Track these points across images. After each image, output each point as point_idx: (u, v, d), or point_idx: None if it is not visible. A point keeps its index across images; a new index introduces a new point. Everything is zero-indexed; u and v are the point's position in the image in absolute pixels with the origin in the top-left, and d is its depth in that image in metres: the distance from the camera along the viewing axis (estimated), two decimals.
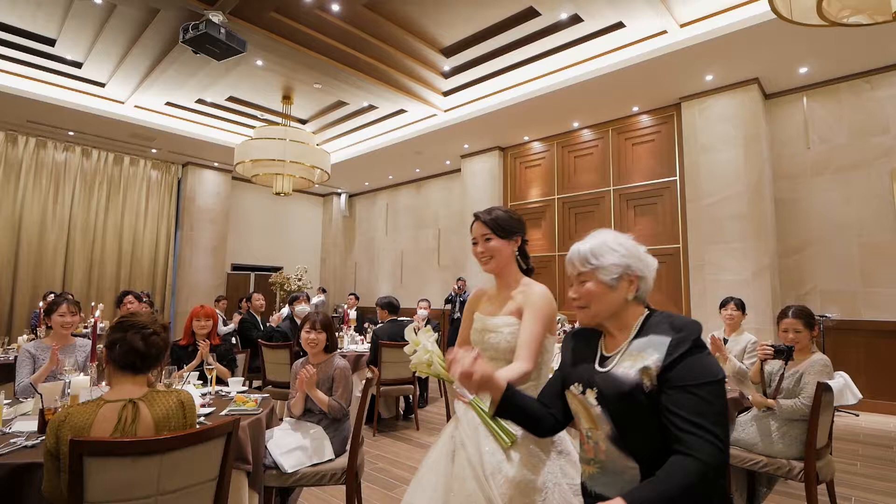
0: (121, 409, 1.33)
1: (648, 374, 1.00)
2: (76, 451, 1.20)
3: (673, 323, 1.05)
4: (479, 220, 1.59)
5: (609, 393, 1.05)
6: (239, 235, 10.37)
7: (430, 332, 1.40)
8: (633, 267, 1.11)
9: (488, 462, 1.33)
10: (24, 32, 5.45)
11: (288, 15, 4.92)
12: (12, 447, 1.54)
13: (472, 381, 1.08)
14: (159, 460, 1.31)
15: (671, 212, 6.10)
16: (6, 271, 7.42)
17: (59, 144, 8.04)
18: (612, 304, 1.11)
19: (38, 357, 2.40)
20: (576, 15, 4.90)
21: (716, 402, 0.95)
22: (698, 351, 1.00)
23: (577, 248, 1.15)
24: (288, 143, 6.27)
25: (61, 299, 2.52)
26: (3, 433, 1.70)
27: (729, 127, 5.51)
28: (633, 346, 1.07)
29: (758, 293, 5.12)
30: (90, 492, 1.25)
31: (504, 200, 8.02)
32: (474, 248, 1.60)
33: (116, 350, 1.39)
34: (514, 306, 1.52)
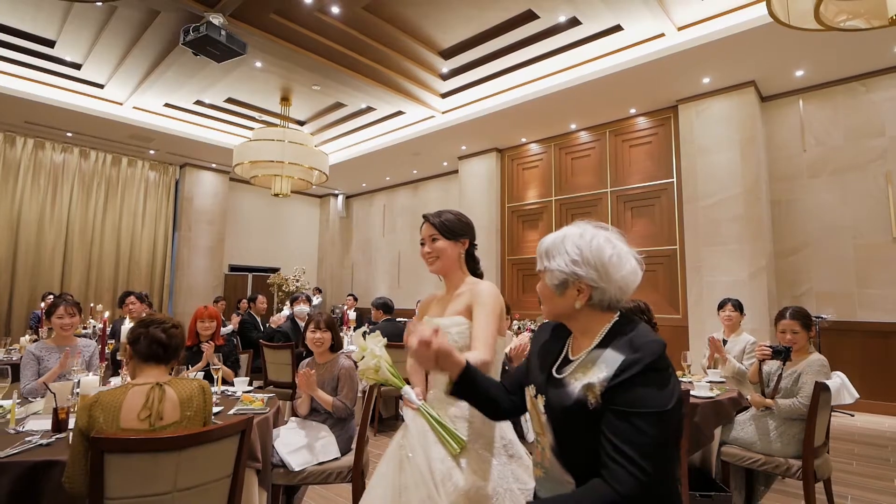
0: (149, 391, 1.46)
1: (593, 392, 0.94)
2: (97, 447, 1.23)
3: (633, 340, 0.96)
4: (428, 222, 1.60)
5: (555, 404, 1.01)
6: (236, 236, 10.37)
7: (378, 337, 1.37)
8: (585, 276, 0.99)
9: (438, 469, 1.30)
10: (23, 34, 5.45)
11: (288, 17, 4.93)
12: (28, 445, 1.57)
13: (429, 351, 1.02)
14: (177, 457, 1.34)
15: (668, 213, 6.14)
16: (4, 272, 7.40)
17: (57, 145, 8.03)
18: (560, 309, 1.04)
19: (42, 358, 2.41)
20: (574, 18, 4.94)
21: (651, 433, 0.88)
22: (650, 376, 0.91)
23: (542, 242, 1.08)
24: (287, 144, 6.29)
25: (60, 301, 2.53)
26: (17, 432, 1.72)
27: (726, 129, 5.57)
28: (591, 356, 1.01)
29: (754, 294, 5.16)
30: (110, 488, 1.28)
31: (501, 202, 8.05)
32: (422, 248, 1.60)
33: (141, 342, 1.53)
34: (460, 305, 1.50)
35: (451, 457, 1.31)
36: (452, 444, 1.31)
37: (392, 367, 1.32)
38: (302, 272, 9.57)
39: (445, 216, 1.59)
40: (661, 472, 0.90)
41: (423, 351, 1.03)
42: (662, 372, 0.92)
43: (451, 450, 1.31)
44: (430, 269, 1.59)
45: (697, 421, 2.35)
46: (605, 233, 1.04)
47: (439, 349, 1.04)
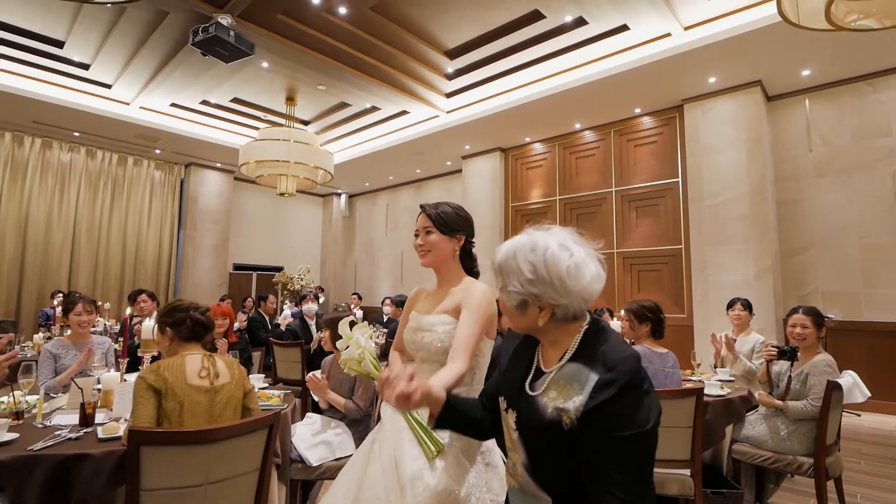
0: (202, 357, 1.66)
1: (568, 414, 0.90)
2: (134, 440, 1.27)
3: (606, 355, 0.90)
4: (424, 213, 1.53)
5: (527, 422, 0.97)
6: (241, 235, 10.41)
7: (365, 328, 1.33)
8: (542, 295, 0.93)
9: (409, 468, 1.25)
10: (32, 34, 5.48)
11: (295, 18, 4.95)
12: (58, 439, 1.62)
13: (410, 403, 0.95)
14: (209, 450, 1.38)
15: (673, 213, 6.15)
16: (13, 271, 7.45)
17: (64, 145, 8.07)
18: (524, 325, 0.99)
19: (58, 356, 2.45)
20: (581, 17, 4.94)
21: (636, 455, 0.85)
22: (628, 396, 0.86)
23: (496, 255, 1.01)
24: (292, 143, 6.32)
25: (77, 299, 2.58)
26: (44, 426, 1.75)
27: (731, 129, 5.57)
28: (564, 370, 0.95)
29: (760, 294, 5.16)
30: (146, 479, 1.32)
31: (505, 201, 8.07)
32: (415, 239, 1.53)
33: (186, 324, 1.71)
34: (451, 304, 1.45)
35: (425, 458, 1.26)
36: (430, 447, 1.26)
37: (375, 360, 1.28)
38: (307, 271, 9.60)
39: (443, 208, 1.52)
40: (648, 493, 0.87)
41: (402, 404, 0.96)
42: (638, 389, 0.87)
43: (429, 453, 1.26)
44: (421, 262, 1.53)
45: (709, 419, 2.37)
46: (559, 238, 0.96)
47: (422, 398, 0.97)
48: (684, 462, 2.18)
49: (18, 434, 1.60)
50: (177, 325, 1.70)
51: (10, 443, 1.52)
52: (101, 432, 1.62)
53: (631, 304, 2.53)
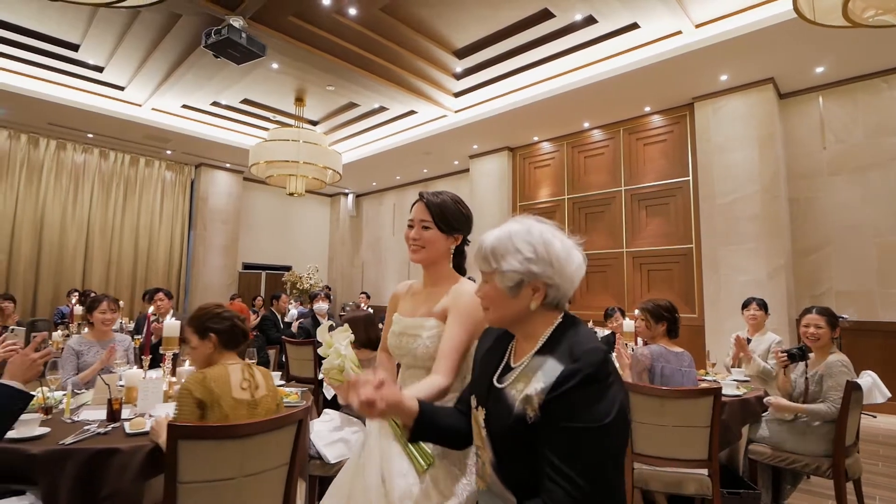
0: (242, 367, 1.69)
1: (531, 405, 0.88)
2: (173, 434, 1.30)
3: (573, 348, 0.90)
4: (423, 203, 1.37)
5: (495, 418, 0.95)
6: (250, 235, 10.49)
7: (346, 333, 1.20)
8: (541, 274, 0.94)
9: (398, 486, 1.16)
10: (48, 38, 5.56)
11: (306, 19, 4.99)
12: (87, 434, 1.66)
13: (375, 411, 0.90)
14: (241, 444, 1.42)
15: (684, 212, 6.11)
16: (29, 270, 7.57)
17: (78, 146, 8.18)
18: (513, 312, 0.97)
19: (81, 353, 2.50)
20: (590, 16, 4.93)
21: (593, 449, 0.83)
22: (591, 386, 0.85)
23: (482, 241, 0.99)
24: (302, 144, 6.36)
25: (102, 297, 2.63)
26: (73, 421, 1.79)
27: (743, 127, 5.53)
28: (532, 363, 0.94)
29: (772, 294, 5.12)
30: (183, 472, 1.36)
31: (513, 200, 8.06)
32: (408, 231, 1.38)
33: (230, 332, 1.74)
34: (439, 308, 1.34)
35: (415, 472, 1.18)
36: (420, 461, 1.18)
37: (358, 368, 1.18)
38: (315, 270, 9.66)
39: (445, 201, 1.38)
40: (603, 491, 0.84)
41: (367, 411, 0.91)
42: (602, 382, 0.86)
43: (419, 467, 1.18)
44: (411, 257, 1.39)
45: (725, 419, 2.36)
46: (548, 226, 0.99)
47: (388, 406, 0.92)
48: (702, 462, 2.18)
49: (49, 429, 1.64)
50: (223, 332, 1.71)
51: (42, 437, 1.57)
52: (129, 427, 1.66)
53: (646, 303, 2.53)
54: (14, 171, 7.56)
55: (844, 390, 2.27)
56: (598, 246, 6.89)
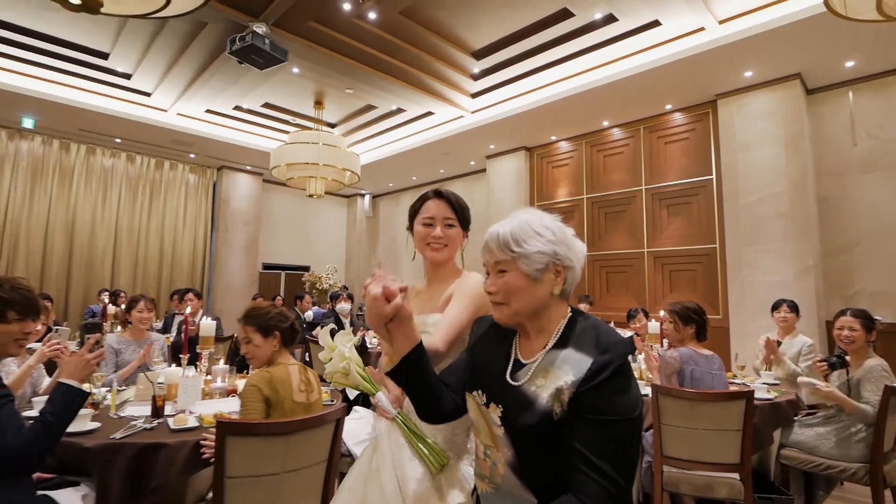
0: (299, 369, 1.81)
1: (560, 400, 0.86)
2: (222, 431, 1.35)
3: (599, 339, 0.88)
4: (446, 200, 1.37)
5: (516, 416, 0.91)
6: (269, 236, 10.66)
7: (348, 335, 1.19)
8: (561, 255, 0.93)
9: (413, 490, 1.14)
10: (80, 47, 5.75)
11: (326, 24, 5.06)
12: (135, 429, 1.73)
13: (385, 308, 0.89)
14: (285, 441, 1.47)
15: (707, 211, 6.02)
16: (62, 271, 7.84)
17: (106, 151, 8.44)
18: (535, 300, 0.93)
19: (119, 350, 2.60)
20: (610, 14, 4.90)
21: (624, 443, 0.83)
22: (621, 379, 0.85)
23: (497, 231, 0.96)
24: (321, 146, 6.45)
25: (140, 297, 2.73)
26: (119, 417, 1.86)
27: (769, 124, 5.42)
28: (549, 357, 0.92)
29: (800, 295, 4.99)
30: (230, 468, 1.42)
31: (530, 200, 8.04)
32: (426, 229, 1.35)
33: (290, 332, 1.88)
34: (443, 298, 1.34)
35: (430, 476, 1.15)
36: (433, 462, 1.15)
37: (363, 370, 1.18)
38: (334, 270, 9.77)
39: (459, 197, 1.39)
40: (630, 483, 0.84)
41: (379, 305, 0.89)
42: (629, 375, 0.86)
43: (433, 468, 1.15)
44: (431, 255, 1.35)
45: (756, 423, 2.33)
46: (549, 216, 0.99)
47: (399, 310, 0.90)
48: (733, 466, 2.16)
49: (100, 424, 1.71)
50: (285, 331, 1.83)
51: (94, 431, 1.64)
52: (173, 423, 1.73)
53: (674, 306, 2.51)
54: (47, 175, 7.83)
55: (882, 394, 2.22)
56: (618, 246, 6.83)
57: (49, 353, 2.06)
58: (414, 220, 1.42)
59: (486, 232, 0.97)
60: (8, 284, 1.40)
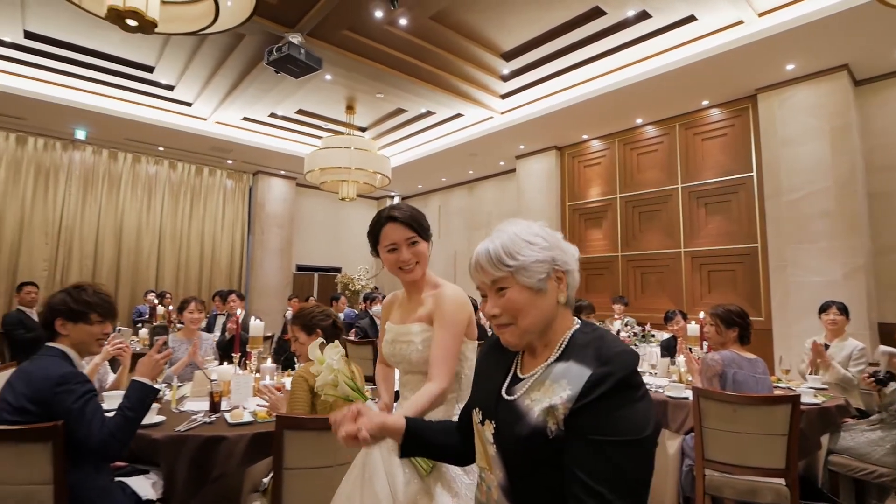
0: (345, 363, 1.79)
1: (554, 416, 0.79)
2: (280, 424, 1.44)
3: (601, 350, 0.81)
4: (398, 222, 1.36)
5: (507, 432, 0.86)
6: (302, 238, 10.94)
7: (337, 348, 1.21)
8: (559, 260, 0.88)
9: (403, 493, 1.17)
10: (127, 62, 6.08)
11: (359, 32, 5.18)
12: (196, 423, 1.84)
13: (360, 441, 0.88)
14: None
15: (747, 209, 5.83)
16: (111, 274, 8.29)
17: (150, 159, 8.87)
18: (543, 313, 0.87)
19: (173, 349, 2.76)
20: (644, 11, 4.82)
21: (628, 466, 0.73)
22: (624, 395, 0.76)
23: (486, 248, 0.89)
24: (353, 151, 6.59)
25: (191, 299, 2.90)
26: (180, 411, 1.99)
27: (813, 118, 5.20)
28: (549, 370, 0.85)
29: (850, 296, 4.76)
30: (288, 459, 1.51)
31: (562, 200, 7.97)
32: (393, 255, 1.37)
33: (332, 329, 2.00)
34: (424, 312, 1.37)
35: (418, 479, 1.19)
36: (422, 465, 1.19)
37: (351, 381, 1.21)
38: (366, 272, 9.94)
39: (408, 209, 1.39)
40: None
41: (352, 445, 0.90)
42: (636, 389, 0.78)
43: (422, 471, 1.19)
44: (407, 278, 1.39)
45: (802, 428, 2.27)
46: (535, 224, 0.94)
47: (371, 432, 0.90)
48: (778, 471, 2.11)
49: (165, 417, 1.84)
50: (326, 328, 1.95)
51: (160, 424, 1.76)
52: (230, 418, 1.83)
53: (717, 309, 2.46)
54: (97, 183, 8.30)
55: None
56: (653, 246, 6.69)
57: (113, 352, 2.21)
58: (377, 247, 1.43)
59: (473, 252, 0.90)
60: (91, 289, 1.54)
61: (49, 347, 1.55)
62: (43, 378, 1.43)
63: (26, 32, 5.40)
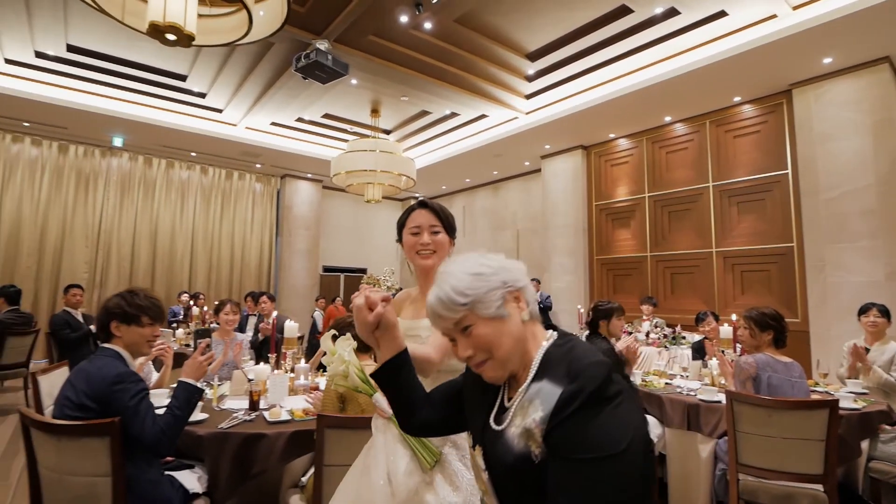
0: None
1: (534, 440, 0.78)
2: (321, 423, 1.50)
3: (570, 365, 0.80)
4: (430, 209, 1.41)
5: (495, 460, 0.85)
6: (328, 240, 11.14)
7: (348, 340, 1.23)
8: (509, 280, 0.88)
9: (403, 484, 1.18)
10: (161, 71, 6.32)
11: (384, 37, 5.25)
12: (237, 421, 1.93)
13: (370, 317, 0.91)
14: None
15: (782, 208, 5.65)
16: (146, 276, 8.64)
17: (183, 164, 9.20)
18: (514, 336, 0.86)
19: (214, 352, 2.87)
20: (672, 8, 4.73)
21: (607, 485, 0.70)
22: (596, 408, 0.74)
23: (436, 296, 0.88)
24: (378, 153, 6.68)
25: (226, 301, 3.01)
26: (221, 409, 2.08)
27: (853, 113, 5.01)
28: (529, 393, 0.83)
29: (893, 297, 4.58)
30: (328, 456, 1.58)
31: (588, 200, 7.88)
32: (414, 238, 1.39)
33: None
34: None
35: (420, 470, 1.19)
36: (426, 458, 1.20)
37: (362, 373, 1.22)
38: (391, 272, 10.05)
39: (442, 206, 1.44)
40: None
41: (364, 315, 0.92)
42: (609, 401, 0.75)
43: (425, 464, 1.20)
44: (421, 262, 1.40)
45: (841, 433, 2.20)
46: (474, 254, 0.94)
47: (383, 318, 0.91)
48: (816, 476, 2.06)
49: (207, 415, 1.93)
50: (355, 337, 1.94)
51: (203, 422, 1.85)
52: (269, 416, 1.91)
53: (750, 311, 2.42)
54: (133, 188, 8.66)
55: None
56: (683, 246, 6.56)
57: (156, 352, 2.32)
58: (402, 232, 1.46)
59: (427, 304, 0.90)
60: (143, 294, 1.64)
61: (104, 348, 1.66)
62: (101, 377, 1.54)
63: (69, 46, 5.68)
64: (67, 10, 4.91)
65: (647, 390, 2.94)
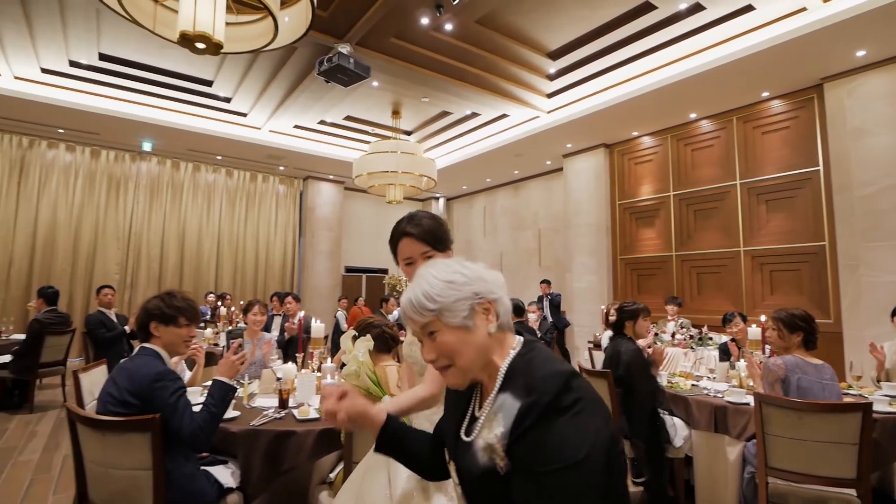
0: (398, 368, 1.97)
1: (497, 453, 0.79)
2: None
3: (527, 378, 0.80)
4: (411, 237, 1.33)
5: (465, 473, 0.86)
6: (350, 240, 11.27)
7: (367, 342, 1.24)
8: (482, 291, 0.87)
9: (401, 486, 1.19)
10: (188, 77, 6.51)
11: (405, 39, 5.30)
12: (268, 418, 1.99)
13: (337, 421, 0.93)
14: None
15: (813, 206, 5.47)
16: (174, 276, 8.92)
17: (209, 167, 9.45)
18: (477, 348, 0.86)
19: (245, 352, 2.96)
20: (697, 3, 4.64)
21: (568, 496, 0.70)
22: (553, 419, 0.74)
23: (408, 298, 0.89)
24: (400, 155, 6.74)
25: (255, 302, 3.10)
26: (251, 407, 2.15)
27: (889, 107, 4.82)
28: (495, 405, 0.84)
29: None
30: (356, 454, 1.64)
31: (611, 198, 7.79)
32: (410, 268, 1.34)
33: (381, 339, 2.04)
34: None
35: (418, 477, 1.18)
36: None
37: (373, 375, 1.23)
38: None
39: (427, 223, 1.35)
40: None
41: (331, 421, 0.94)
42: (566, 411, 0.74)
43: None
44: None
45: (877, 437, 2.14)
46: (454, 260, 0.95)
47: (349, 415, 0.93)
48: (848, 481, 2.01)
49: (239, 413, 2.00)
50: (375, 338, 1.96)
51: (235, 419, 1.92)
52: (298, 414, 1.97)
53: (779, 312, 2.36)
54: (162, 191, 8.94)
55: None
56: (710, 245, 6.42)
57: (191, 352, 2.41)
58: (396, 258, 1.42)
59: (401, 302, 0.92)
60: (180, 296, 1.72)
61: (144, 348, 1.75)
62: (142, 375, 1.62)
63: (101, 55, 5.90)
64: (100, 21, 5.11)
65: (673, 392, 2.90)
